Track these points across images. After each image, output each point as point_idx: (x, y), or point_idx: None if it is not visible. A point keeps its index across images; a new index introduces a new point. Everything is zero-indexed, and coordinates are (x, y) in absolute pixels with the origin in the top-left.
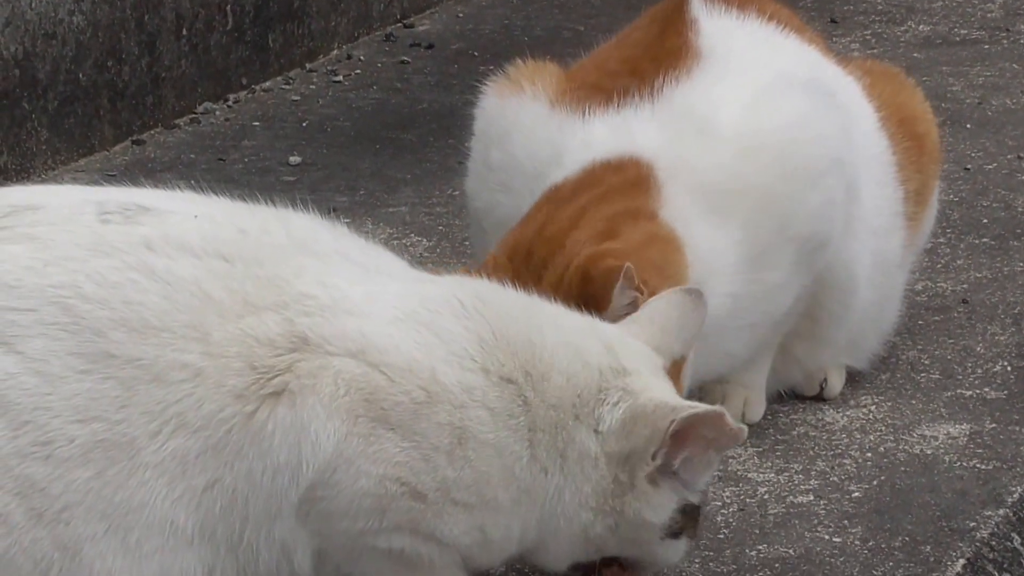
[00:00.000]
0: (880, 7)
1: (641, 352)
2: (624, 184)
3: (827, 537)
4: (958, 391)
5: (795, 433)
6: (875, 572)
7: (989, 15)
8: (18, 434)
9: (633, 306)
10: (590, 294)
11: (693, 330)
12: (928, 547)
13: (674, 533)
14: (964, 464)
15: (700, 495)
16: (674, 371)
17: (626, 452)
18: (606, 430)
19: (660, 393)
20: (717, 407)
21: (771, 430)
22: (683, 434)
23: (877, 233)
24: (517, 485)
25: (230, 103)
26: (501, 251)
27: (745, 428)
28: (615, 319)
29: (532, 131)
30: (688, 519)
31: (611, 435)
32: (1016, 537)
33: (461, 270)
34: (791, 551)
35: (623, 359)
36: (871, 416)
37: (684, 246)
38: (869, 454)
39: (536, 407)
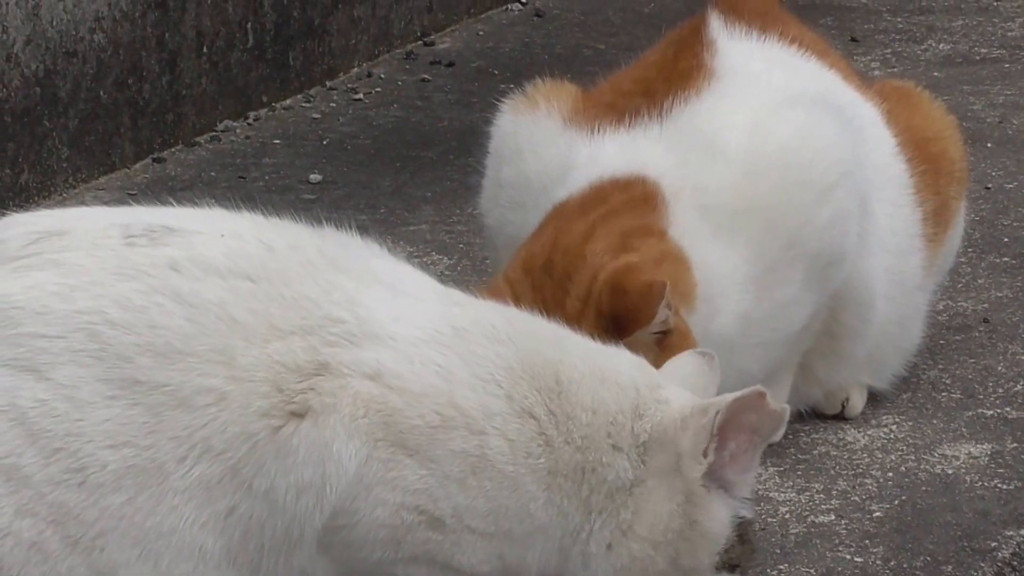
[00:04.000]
0: (900, 26)
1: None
2: (631, 201)
3: (848, 557)
4: (979, 411)
5: (816, 452)
6: None
7: (1009, 34)
8: (50, 461)
9: (665, 324)
10: (625, 307)
11: (712, 390)
12: (949, 567)
13: (730, 565)
14: (985, 484)
15: (749, 508)
16: None
17: (673, 461)
18: (648, 441)
19: (693, 399)
20: (756, 387)
21: (792, 449)
22: (726, 426)
23: (893, 252)
24: (532, 522)
25: (250, 121)
26: (514, 266)
27: (787, 407)
28: (648, 337)
29: (543, 148)
30: (744, 550)
31: (654, 445)
32: None
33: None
34: (812, 571)
35: (655, 375)
36: (892, 436)
37: (692, 265)
38: (890, 474)
39: (560, 449)
